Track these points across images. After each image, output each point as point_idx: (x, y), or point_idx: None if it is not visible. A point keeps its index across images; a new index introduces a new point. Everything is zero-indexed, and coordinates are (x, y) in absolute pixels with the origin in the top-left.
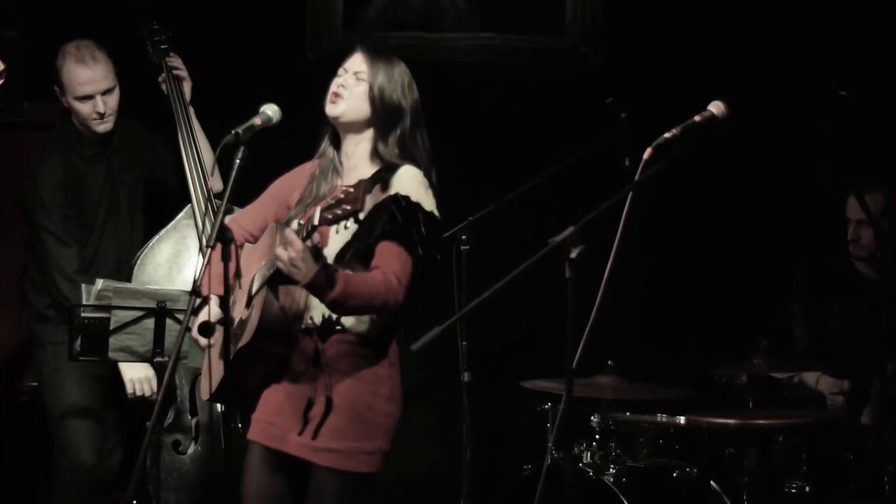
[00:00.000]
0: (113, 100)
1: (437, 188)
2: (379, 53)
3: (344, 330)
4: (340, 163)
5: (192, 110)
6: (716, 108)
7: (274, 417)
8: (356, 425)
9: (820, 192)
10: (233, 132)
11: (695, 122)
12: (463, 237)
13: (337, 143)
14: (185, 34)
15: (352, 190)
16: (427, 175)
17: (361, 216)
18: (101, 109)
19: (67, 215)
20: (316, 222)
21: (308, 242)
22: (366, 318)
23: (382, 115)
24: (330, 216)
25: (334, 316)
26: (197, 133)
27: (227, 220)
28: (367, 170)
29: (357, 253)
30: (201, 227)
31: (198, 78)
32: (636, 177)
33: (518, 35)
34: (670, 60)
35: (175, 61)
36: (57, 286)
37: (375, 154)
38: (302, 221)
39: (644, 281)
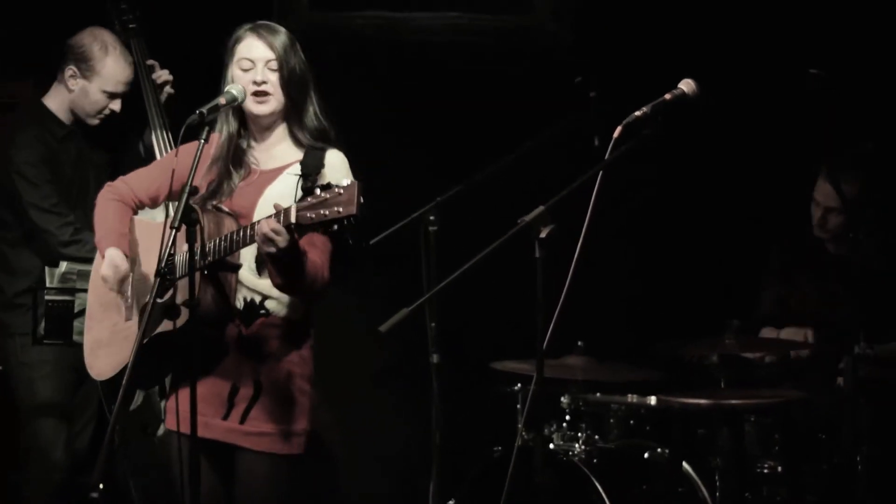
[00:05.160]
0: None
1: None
2: (271, 31)
3: (268, 314)
4: (254, 145)
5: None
6: (686, 85)
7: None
8: (285, 408)
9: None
10: (197, 112)
11: (665, 101)
12: (431, 218)
13: (242, 125)
14: (150, 14)
15: (341, 192)
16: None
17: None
18: (117, 109)
19: (56, 190)
20: (293, 220)
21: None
22: (289, 302)
23: (296, 96)
24: (313, 216)
25: (257, 300)
26: (164, 113)
27: (119, 180)
28: (286, 153)
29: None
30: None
31: (162, 57)
32: (606, 156)
33: (486, 14)
34: (640, 37)
35: (158, 72)
36: (62, 253)
37: (293, 136)
38: (220, 205)
39: (615, 260)
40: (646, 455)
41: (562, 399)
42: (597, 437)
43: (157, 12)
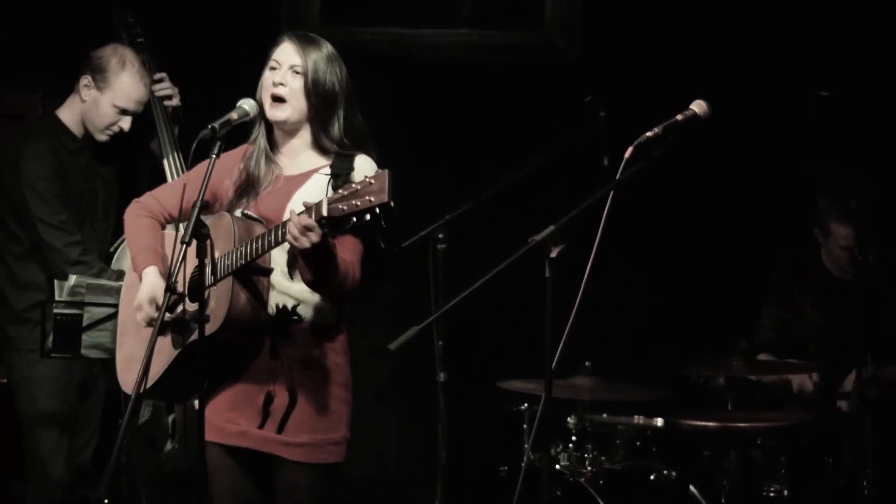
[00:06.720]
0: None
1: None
2: (309, 41)
3: (300, 320)
4: (279, 151)
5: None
6: (698, 107)
7: (229, 414)
8: (322, 417)
9: None
10: (209, 126)
11: (677, 122)
12: (440, 236)
13: (270, 130)
14: (160, 26)
15: (372, 181)
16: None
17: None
18: (126, 128)
19: (65, 206)
20: (324, 213)
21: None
22: (321, 307)
23: (320, 107)
24: (345, 207)
25: (289, 305)
26: (174, 128)
27: (147, 196)
28: (311, 159)
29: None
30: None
31: (173, 70)
32: (617, 175)
33: (495, 31)
34: (649, 55)
35: (161, 85)
36: (66, 272)
37: (318, 145)
38: (248, 211)
39: (623, 281)
40: (652, 477)
41: (568, 419)
42: (603, 458)
43: (164, 26)
